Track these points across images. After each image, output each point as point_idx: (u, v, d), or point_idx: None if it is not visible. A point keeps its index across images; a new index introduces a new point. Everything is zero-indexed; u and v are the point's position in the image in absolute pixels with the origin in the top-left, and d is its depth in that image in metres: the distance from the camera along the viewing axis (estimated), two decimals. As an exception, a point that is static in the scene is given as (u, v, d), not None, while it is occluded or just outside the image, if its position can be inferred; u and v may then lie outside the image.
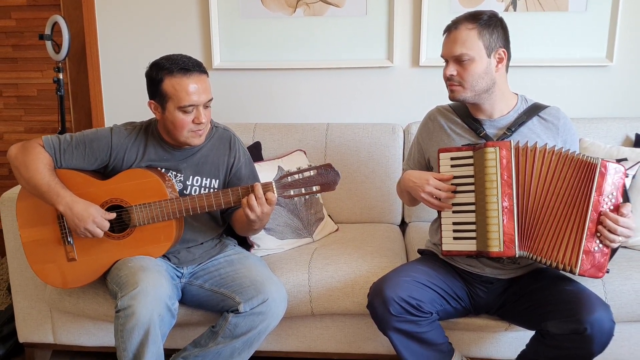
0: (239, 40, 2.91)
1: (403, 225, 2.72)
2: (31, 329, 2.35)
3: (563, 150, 1.80)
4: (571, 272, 1.77)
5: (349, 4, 2.82)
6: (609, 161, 1.75)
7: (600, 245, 1.76)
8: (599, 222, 1.75)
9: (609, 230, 1.73)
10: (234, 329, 1.94)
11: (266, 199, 1.92)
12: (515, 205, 1.82)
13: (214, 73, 2.91)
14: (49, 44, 2.75)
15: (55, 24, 2.73)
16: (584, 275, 1.77)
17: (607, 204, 1.75)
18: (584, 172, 1.76)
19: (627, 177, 1.78)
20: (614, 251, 1.82)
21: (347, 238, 2.45)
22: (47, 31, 2.74)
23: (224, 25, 2.90)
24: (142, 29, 2.97)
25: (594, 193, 1.74)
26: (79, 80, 3.08)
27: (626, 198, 1.79)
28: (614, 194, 1.75)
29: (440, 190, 1.89)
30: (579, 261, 1.76)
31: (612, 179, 1.75)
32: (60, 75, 2.78)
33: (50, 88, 3.15)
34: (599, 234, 1.75)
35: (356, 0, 2.81)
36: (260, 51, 2.92)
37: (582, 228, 1.76)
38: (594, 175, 1.74)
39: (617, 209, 1.75)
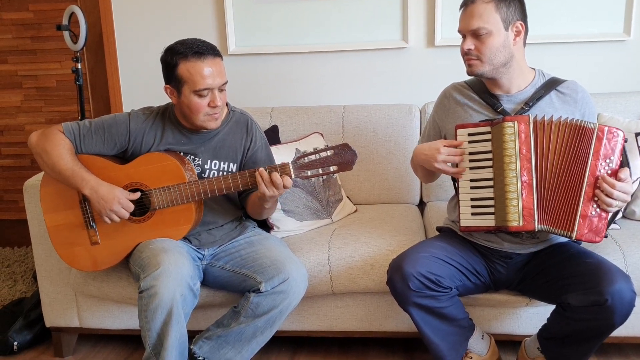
0: (254, 25, 2.92)
1: (422, 205, 2.73)
2: (57, 313, 2.40)
3: (575, 121, 1.79)
4: (569, 237, 1.78)
5: (363, -14, 2.81)
6: (606, 126, 1.75)
7: (598, 210, 1.76)
8: (596, 186, 1.75)
9: (606, 195, 1.73)
10: (256, 308, 1.97)
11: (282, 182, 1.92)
12: (534, 179, 1.82)
13: (229, 59, 2.93)
14: (66, 34, 2.77)
15: (72, 15, 2.76)
16: (581, 240, 1.78)
17: (604, 168, 1.75)
18: (582, 138, 1.76)
19: (626, 141, 1.77)
20: (613, 216, 1.82)
21: (366, 218, 2.46)
22: (65, 22, 2.77)
23: (238, 10, 2.91)
24: (158, 17, 2.99)
25: (590, 157, 1.75)
26: (97, 69, 3.12)
27: (625, 162, 1.78)
28: (612, 158, 1.75)
29: (453, 156, 1.89)
30: (576, 225, 1.76)
31: (610, 144, 1.74)
32: (79, 65, 2.81)
33: (69, 78, 3.19)
34: (596, 199, 1.75)
35: (370, -19, 2.80)
36: (275, 35, 2.93)
37: (579, 192, 1.76)
38: (591, 140, 1.74)
39: (615, 173, 1.75)
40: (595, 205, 1.76)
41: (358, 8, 2.84)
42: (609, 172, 1.75)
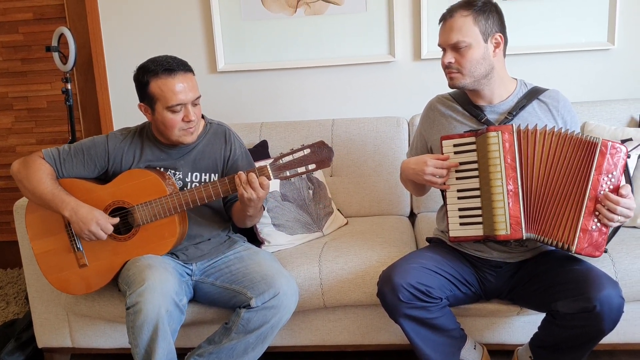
0: (242, 42, 2.95)
1: (412, 216, 2.73)
2: (49, 333, 2.39)
3: (563, 130, 1.81)
4: (568, 249, 1.78)
5: (349, 1, 2.84)
6: (610, 141, 1.75)
7: (599, 224, 1.77)
8: (598, 201, 1.75)
9: (609, 210, 1.74)
10: (247, 324, 1.96)
11: (259, 184, 1.94)
12: (520, 188, 1.83)
13: (218, 76, 2.95)
14: (56, 55, 2.79)
15: (61, 36, 2.78)
16: (580, 254, 1.78)
17: (606, 183, 1.75)
18: (584, 152, 1.77)
19: (629, 157, 1.77)
20: (614, 231, 1.82)
21: (357, 231, 2.47)
22: (54, 43, 2.79)
23: (226, 28, 2.94)
24: (146, 37, 3.01)
25: (593, 172, 1.75)
26: (87, 89, 3.14)
27: (627, 179, 1.79)
28: (614, 173, 1.75)
29: (440, 168, 1.91)
30: (576, 239, 1.77)
31: (613, 159, 1.75)
32: (69, 86, 2.83)
33: (60, 99, 3.19)
34: (597, 213, 1.76)
35: (355, -3, 2.84)
36: (264, 52, 2.95)
37: (580, 206, 1.76)
38: (594, 155, 1.75)
39: (616, 189, 1.75)
40: (596, 220, 1.77)
41: (344, 23, 2.87)
42: (611, 187, 1.76)
